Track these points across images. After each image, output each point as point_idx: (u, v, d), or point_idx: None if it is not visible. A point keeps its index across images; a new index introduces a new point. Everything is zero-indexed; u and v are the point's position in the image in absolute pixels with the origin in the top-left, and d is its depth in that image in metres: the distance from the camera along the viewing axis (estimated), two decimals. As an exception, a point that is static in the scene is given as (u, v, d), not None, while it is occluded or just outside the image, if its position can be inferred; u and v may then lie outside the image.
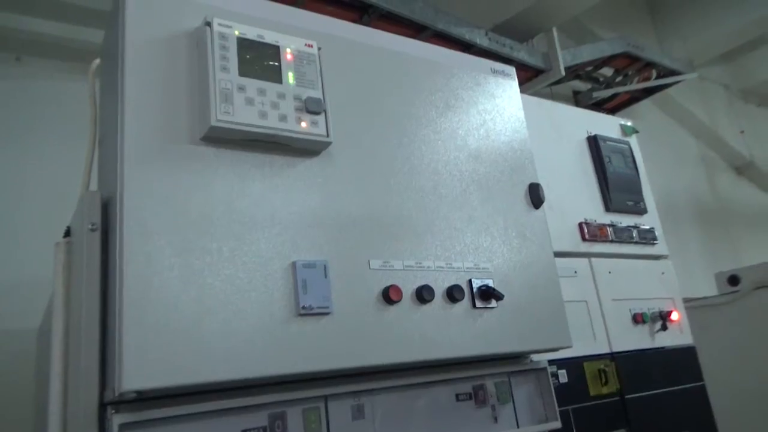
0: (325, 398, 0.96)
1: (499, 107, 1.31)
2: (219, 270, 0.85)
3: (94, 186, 1.10)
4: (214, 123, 0.88)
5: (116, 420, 0.77)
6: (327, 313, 0.91)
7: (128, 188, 0.83)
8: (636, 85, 3.30)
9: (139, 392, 0.76)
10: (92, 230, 0.91)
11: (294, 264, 0.91)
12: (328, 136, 0.99)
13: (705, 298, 2.35)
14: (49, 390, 0.89)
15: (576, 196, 1.69)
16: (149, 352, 0.76)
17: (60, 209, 1.29)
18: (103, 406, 0.82)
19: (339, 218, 0.99)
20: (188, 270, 0.83)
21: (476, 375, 1.13)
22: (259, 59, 0.96)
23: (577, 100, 3.36)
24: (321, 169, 1.01)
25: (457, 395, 1.10)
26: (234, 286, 0.85)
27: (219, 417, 0.86)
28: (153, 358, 0.76)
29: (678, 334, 1.73)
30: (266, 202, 0.93)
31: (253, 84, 0.94)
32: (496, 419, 1.13)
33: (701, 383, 1.72)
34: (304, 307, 0.89)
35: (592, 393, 1.46)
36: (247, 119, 0.91)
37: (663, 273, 1.80)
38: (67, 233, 1.02)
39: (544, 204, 1.26)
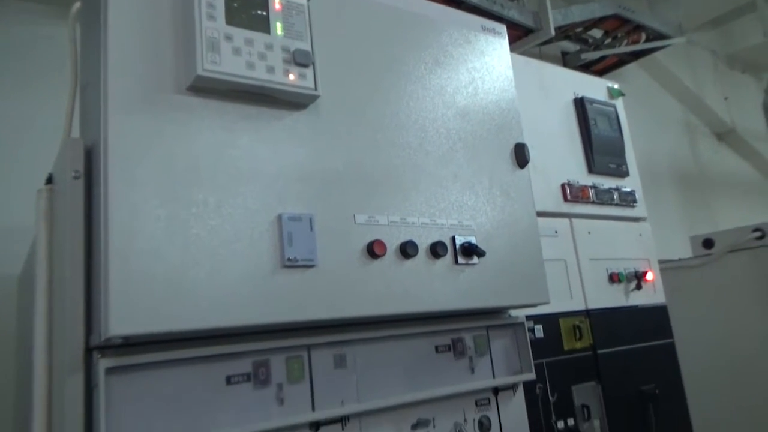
0: (308, 347, 0.98)
1: (488, 66, 1.30)
2: (205, 221, 0.85)
3: (76, 133, 1.09)
4: (200, 72, 0.87)
5: (102, 364, 0.79)
6: (312, 266, 0.92)
7: (112, 137, 0.82)
8: (625, 48, 3.29)
9: (125, 337, 0.77)
10: (75, 178, 0.90)
11: (280, 217, 0.92)
12: (316, 89, 0.98)
13: (680, 260, 2.43)
14: (34, 336, 0.90)
15: (560, 157, 1.70)
16: (135, 299, 0.77)
17: (40, 155, 1.28)
18: (89, 351, 0.83)
19: (325, 172, 1.00)
20: (174, 220, 0.83)
21: (455, 328, 1.16)
22: (246, 8, 0.94)
23: (566, 61, 3.35)
24: (308, 122, 1.00)
25: (436, 347, 1.13)
26: (220, 237, 0.86)
27: (204, 363, 0.88)
28: (139, 305, 0.77)
29: (651, 293, 1.79)
30: (253, 155, 0.93)
31: (240, 33, 0.92)
32: (473, 370, 1.17)
33: (671, 340, 1.79)
34: (289, 259, 0.90)
35: (566, 347, 1.51)
36: (234, 69, 0.90)
37: (641, 235, 1.84)
38: (49, 180, 1.01)
39: (529, 164, 1.27)
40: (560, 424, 1.43)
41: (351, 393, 1.00)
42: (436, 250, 1.06)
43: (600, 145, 1.80)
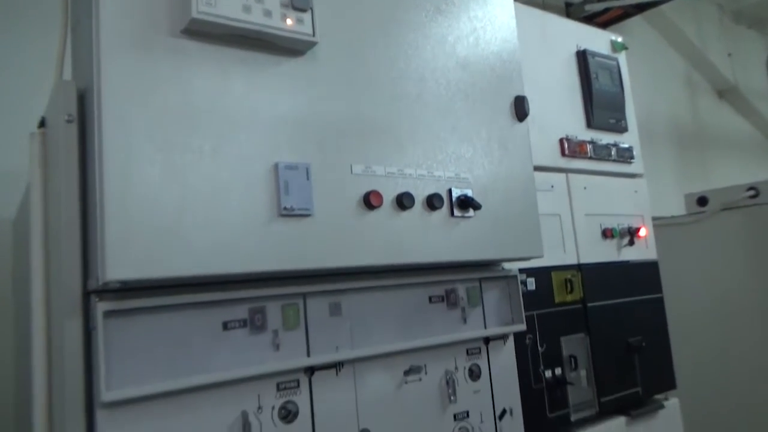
0: (304, 295, 0.99)
1: (490, 15, 1.27)
2: (201, 168, 0.85)
3: (68, 75, 1.06)
4: (195, 15, 0.84)
5: (100, 308, 0.80)
6: (308, 215, 0.93)
7: (105, 80, 0.81)
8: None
9: (122, 282, 0.78)
10: (68, 122, 0.89)
11: (276, 165, 0.91)
12: (314, 35, 0.96)
13: (673, 217, 2.44)
14: (31, 280, 0.91)
15: (559, 111, 1.68)
16: (132, 245, 0.78)
17: (32, 98, 1.25)
18: (86, 295, 0.84)
19: (322, 121, 0.98)
20: (169, 166, 0.82)
21: (449, 280, 1.18)
22: (242, -54, 0.90)
23: (569, 11, 3.27)
24: (305, 70, 0.98)
25: (429, 297, 1.15)
26: (216, 184, 0.86)
27: (201, 309, 0.89)
28: (135, 251, 0.78)
29: (644, 249, 1.81)
30: (249, 101, 0.91)
31: (236, -27, 0.89)
32: (465, 320, 1.19)
33: (659, 295, 1.83)
34: (285, 208, 0.90)
35: (556, 300, 1.54)
36: (230, 13, 0.88)
37: (636, 191, 1.84)
38: (42, 124, 1.00)
39: (528, 117, 1.26)
40: (548, 373, 1.47)
41: (345, 340, 1.02)
42: (433, 202, 1.07)
43: (600, 100, 1.78)
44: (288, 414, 0.95)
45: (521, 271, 1.32)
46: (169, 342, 0.85)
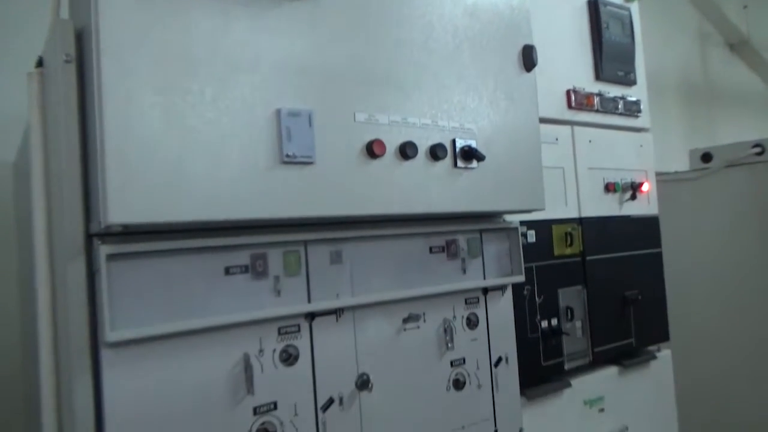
0: (305, 243, 1.00)
1: (500, -43, 1.22)
2: (202, 112, 0.84)
3: (65, 13, 1.03)
4: (194, -50, 0.81)
5: (103, 251, 0.80)
6: (310, 163, 0.92)
7: (103, 20, 0.78)
8: (646, -55, 3.08)
9: (124, 226, 0.78)
10: (67, 62, 0.87)
11: (278, 111, 0.90)
12: (317, -25, 0.92)
13: (676, 172, 2.43)
14: (33, 222, 0.91)
15: (568, 62, 1.65)
16: (133, 189, 0.77)
17: (30, 37, 1.23)
18: (89, 238, 0.84)
19: (326, 67, 0.96)
20: (170, 110, 0.81)
21: (450, 230, 1.18)
22: None
23: (582, -43, 3.14)
24: (309, 12, 0.95)
25: (430, 248, 1.16)
26: (217, 129, 0.85)
27: (203, 254, 0.90)
28: (137, 195, 0.78)
29: (645, 204, 1.81)
30: (251, 45, 0.89)
31: None
32: (465, 271, 1.20)
33: (658, 250, 1.84)
34: (287, 155, 0.89)
35: (556, 253, 1.55)
36: (231, -51, 0.84)
37: (641, 146, 1.82)
38: (40, 63, 0.98)
39: (536, 68, 1.23)
40: (544, 324, 1.50)
41: (346, 287, 1.04)
42: (436, 152, 1.06)
43: (610, 51, 1.74)
44: (289, 357, 0.97)
45: (522, 223, 1.32)
46: (172, 285, 0.86)
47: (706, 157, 2.39)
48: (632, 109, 1.80)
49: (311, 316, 1.00)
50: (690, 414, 2.12)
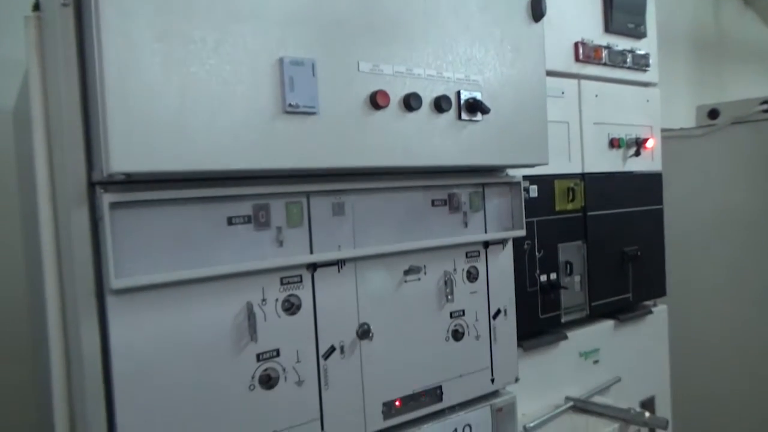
0: (307, 194, 1.00)
1: None
2: (203, 60, 0.82)
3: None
4: None
5: (106, 199, 0.80)
6: (313, 113, 0.91)
7: (100, -41, 0.76)
8: None
9: (127, 175, 0.78)
10: (64, 5, 0.85)
11: (281, 60, 0.88)
12: None
13: (682, 129, 2.41)
14: (35, 170, 0.91)
15: (577, 13, 1.60)
16: (135, 137, 0.77)
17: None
18: (91, 186, 0.84)
19: (329, 15, 0.94)
20: (171, 57, 0.80)
21: (452, 184, 1.18)
22: None
23: None
24: (312, -44, 0.92)
25: (432, 201, 1.16)
26: (219, 78, 0.83)
27: (206, 204, 0.90)
28: (139, 143, 0.77)
29: (649, 161, 1.80)
30: (253, -11, 0.86)
31: None
32: (466, 224, 1.21)
33: (660, 207, 1.84)
34: (290, 105, 0.88)
35: (557, 208, 1.55)
36: None
37: (648, 101, 1.80)
38: (36, 7, 0.96)
39: (544, 18, 1.20)
40: (543, 278, 1.52)
41: (348, 239, 1.04)
42: (440, 104, 1.04)
43: (621, 2, 1.69)
44: (291, 306, 0.99)
45: (524, 178, 1.32)
46: (176, 235, 0.87)
47: (713, 113, 2.36)
48: (641, 63, 1.76)
49: (313, 267, 1.01)
50: (682, 368, 2.17)
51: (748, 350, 2.24)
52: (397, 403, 1.12)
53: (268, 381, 0.96)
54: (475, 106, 1.08)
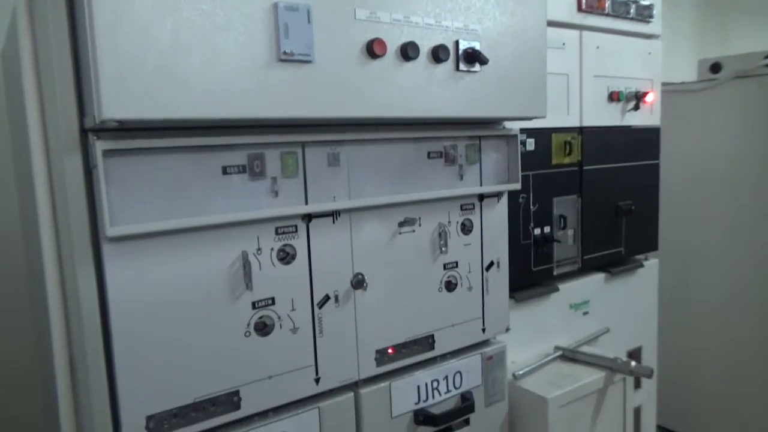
0: (303, 144, 0.99)
1: None
2: (196, 4, 0.80)
3: None
4: None
5: (99, 146, 0.80)
6: (308, 61, 0.89)
7: None
8: None
9: (119, 122, 0.77)
10: (50, -58, 0.81)
11: (275, 5, 0.86)
12: None
13: (683, 83, 2.37)
14: (26, 117, 0.89)
15: (581, -41, 1.56)
16: (127, 83, 0.75)
17: None
18: (84, 133, 0.83)
19: (325, -43, 0.91)
20: (163, 0, 0.77)
21: (449, 136, 1.17)
22: None
23: None
24: None
25: (428, 153, 1.15)
26: (212, 23, 0.81)
27: (200, 152, 0.89)
28: (131, 89, 0.76)
29: (648, 115, 1.78)
30: (246, -71, 0.83)
31: None
32: (462, 177, 1.21)
33: (656, 162, 1.84)
34: (285, 53, 0.87)
35: (554, 162, 1.55)
36: None
37: (650, 53, 1.77)
38: (22, -56, 0.92)
39: (547, -36, 1.17)
40: (536, 231, 1.53)
41: (343, 190, 1.04)
42: (438, 54, 1.02)
43: (627, -51, 1.64)
44: (286, 256, 1.00)
45: (522, 131, 1.31)
46: (170, 183, 0.87)
47: (715, 67, 2.33)
48: (644, 13, 1.72)
49: (308, 218, 1.02)
50: (670, 320, 2.22)
51: (736, 304, 2.29)
52: (389, 350, 1.15)
53: (263, 328, 0.98)
54: (473, 57, 1.06)
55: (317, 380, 1.05)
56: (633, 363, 1.48)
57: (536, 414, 1.36)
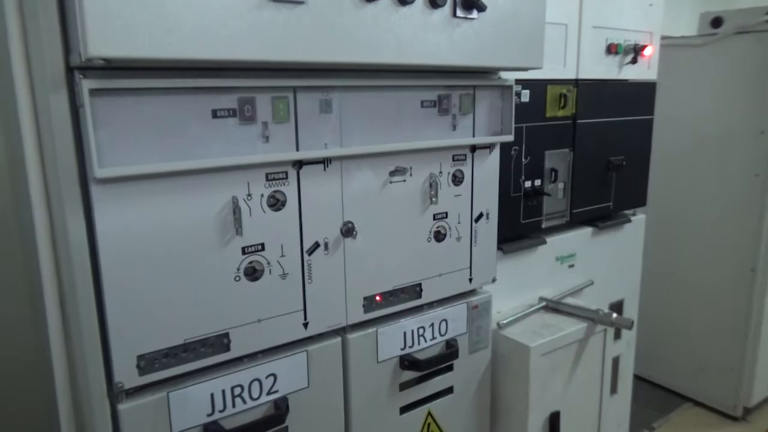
0: (294, 89, 0.98)
1: None
2: (183, -64, 0.76)
3: None
4: None
5: (85, 85, 0.78)
6: (301, 2, 0.87)
7: None
8: None
9: (106, 60, 0.75)
10: None
11: (267, -59, 0.82)
12: None
13: (683, 37, 2.34)
14: (10, 53, 0.87)
15: None
16: (113, 19, 0.73)
17: None
18: (70, 71, 0.81)
19: None
20: (148, -68, 0.74)
21: (443, 85, 1.16)
22: None
23: None
24: None
25: (421, 102, 1.14)
26: (201, -42, 0.78)
27: (190, 94, 0.87)
28: (119, 26, 0.73)
29: (645, 69, 1.76)
30: None
31: None
32: (454, 127, 1.20)
33: (650, 117, 1.83)
34: (277, -8, 0.84)
35: (548, 114, 1.53)
36: None
37: (651, 5, 1.73)
38: None
39: None
40: (527, 183, 1.53)
41: (334, 137, 1.03)
42: (435, -2, 0.99)
43: None
44: (276, 202, 1.00)
45: (517, 82, 1.29)
46: (159, 125, 0.85)
47: (717, 21, 2.28)
48: (648, -37, 1.67)
49: (299, 164, 1.01)
50: (653, 273, 2.26)
51: (719, 261, 2.33)
52: (377, 298, 1.17)
53: (253, 273, 0.99)
54: (471, 3, 1.04)
55: (306, 325, 1.07)
56: (614, 315, 1.52)
57: (518, 361, 1.40)
